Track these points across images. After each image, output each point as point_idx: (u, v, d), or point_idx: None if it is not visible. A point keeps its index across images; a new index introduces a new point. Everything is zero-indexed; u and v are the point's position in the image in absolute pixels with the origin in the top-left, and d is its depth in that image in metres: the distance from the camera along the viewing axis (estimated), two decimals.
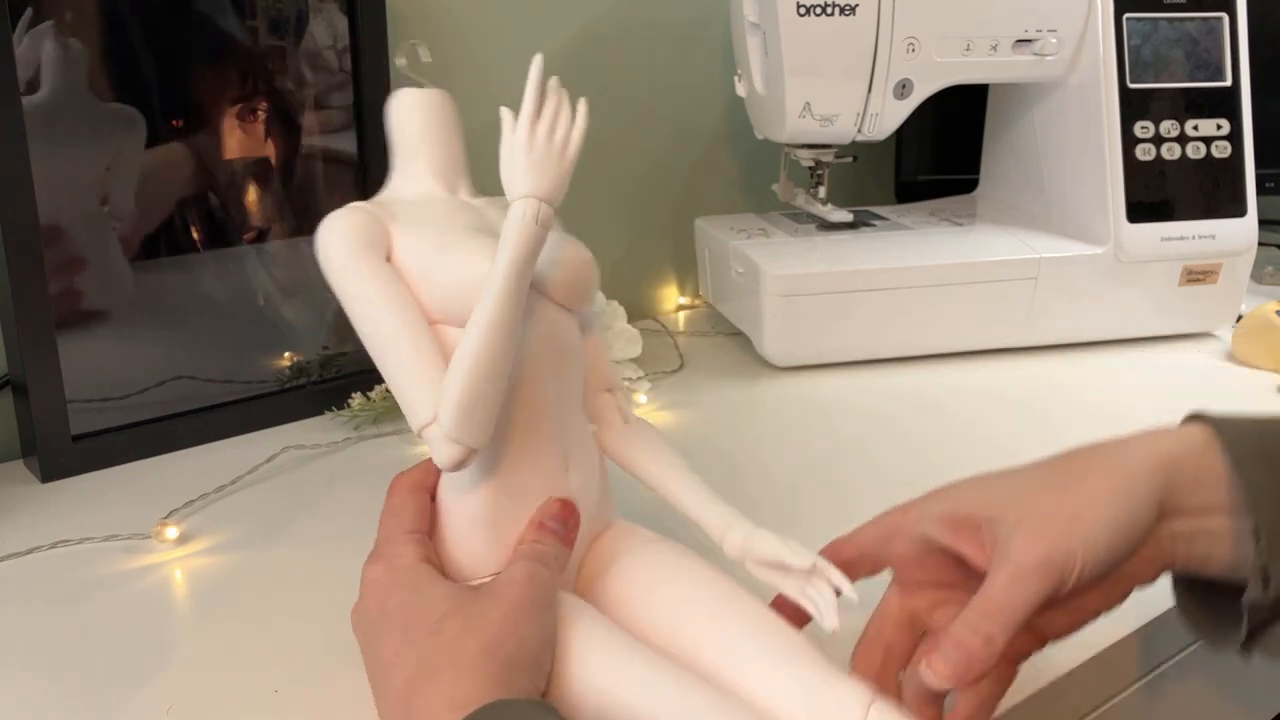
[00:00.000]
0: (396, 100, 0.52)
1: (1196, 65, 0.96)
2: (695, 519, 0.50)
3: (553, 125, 0.45)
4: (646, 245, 1.10)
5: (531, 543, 0.46)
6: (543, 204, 0.44)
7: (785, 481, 0.72)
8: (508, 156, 0.45)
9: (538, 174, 0.44)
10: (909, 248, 0.96)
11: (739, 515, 0.49)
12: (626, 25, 1.02)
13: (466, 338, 0.43)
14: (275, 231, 0.82)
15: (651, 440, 0.53)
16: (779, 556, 0.46)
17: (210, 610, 0.57)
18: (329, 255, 0.47)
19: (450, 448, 0.43)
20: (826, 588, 0.45)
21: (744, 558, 0.48)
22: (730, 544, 0.48)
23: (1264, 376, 0.91)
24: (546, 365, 0.48)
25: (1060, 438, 0.81)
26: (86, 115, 0.71)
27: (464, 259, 0.46)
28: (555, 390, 0.48)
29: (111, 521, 0.65)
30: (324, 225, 0.47)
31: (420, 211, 0.49)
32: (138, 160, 0.73)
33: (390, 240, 0.47)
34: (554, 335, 0.48)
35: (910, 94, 0.93)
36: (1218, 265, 0.97)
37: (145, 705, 0.49)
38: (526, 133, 0.44)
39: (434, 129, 0.52)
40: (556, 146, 0.45)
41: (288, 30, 0.79)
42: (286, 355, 0.82)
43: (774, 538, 0.47)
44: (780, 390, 0.90)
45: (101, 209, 0.73)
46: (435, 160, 0.51)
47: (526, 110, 0.45)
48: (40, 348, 0.69)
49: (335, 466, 0.74)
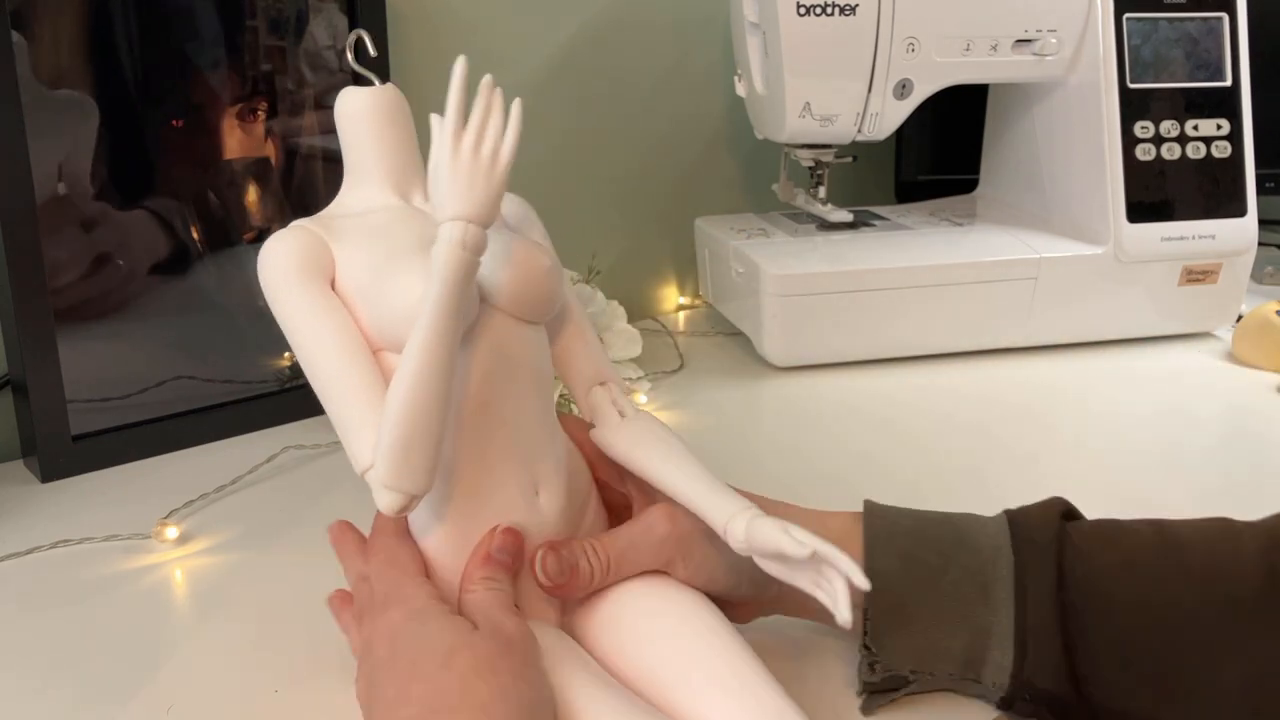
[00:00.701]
0: (342, 101, 0.48)
1: (1196, 65, 0.96)
2: (698, 513, 0.46)
3: (479, 135, 0.41)
4: (646, 245, 1.10)
5: (485, 581, 0.44)
6: (470, 225, 0.40)
7: (785, 481, 0.72)
8: (434, 173, 0.41)
9: (465, 192, 0.40)
10: (909, 248, 0.96)
11: (742, 504, 0.45)
12: (626, 25, 1.02)
13: (397, 378, 0.41)
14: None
15: (649, 432, 0.49)
16: (779, 546, 0.43)
17: (210, 610, 0.57)
18: (267, 283, 0.44)
19: (389, 495, 0.41)
20: (837, 578, 0.42)
21: (749, 552, 0.44)
22: (734, 538, 0.44)
23: (1264, 376, 0.91)
24: (502, 385, 0.45)
25: (1059, 437, 0.81)
26: (37, 104, 0.68)
27: (399, 285, 0.43)
28: (514, 410, 0.45)
29: (111, 521, 0.65)
30: (263, 250, 0.44)
31: (367, 226, 0.46)
32: (91, 147, 0.72)
33: (333, 262, 0.44)
34: (508, 350, 0.45)
35: (910, 94, 0.93)
36: (1218, 265, 0.97)
37: (145, 705, 0.49)
38: (450, 146, 0.41)
39: (383, 130, 0.48)
40: (484, 160, 0.41)
41: (288, 30, 0.79)
42: (286, 355, 0.82)
43: (774, 526, 0.43)
44: (780, 390, 0.90)
45: (60, 197, 0.71)
46: (386, 165, 0.48)
47: (449, 121, 0.41)
48: (40, 348, 0.69)
49: (335, 466, 0.74)
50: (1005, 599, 0.47)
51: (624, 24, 1.02)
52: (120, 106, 0.73)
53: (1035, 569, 0.47)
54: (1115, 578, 0.47)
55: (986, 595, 0.47)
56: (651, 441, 0.48)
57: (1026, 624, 0.46)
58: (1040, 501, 0.50)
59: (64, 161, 0.71)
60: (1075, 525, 0.49)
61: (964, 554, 0.48)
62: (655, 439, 0.48)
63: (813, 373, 0.92)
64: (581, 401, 0.51)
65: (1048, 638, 0.46)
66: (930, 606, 0.47)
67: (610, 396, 0.50)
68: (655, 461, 0.47)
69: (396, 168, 0.48)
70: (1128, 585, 0.46)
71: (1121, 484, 0.72)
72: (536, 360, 0.47)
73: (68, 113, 0.71)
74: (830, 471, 0.74)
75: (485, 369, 0.44)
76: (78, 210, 0.72)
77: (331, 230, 0.46)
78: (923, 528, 0.50)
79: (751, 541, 0.43)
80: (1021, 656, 0.46)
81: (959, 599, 0.47)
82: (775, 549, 0.43)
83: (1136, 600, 0.46)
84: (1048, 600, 0.46)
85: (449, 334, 0.41)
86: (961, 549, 0.48)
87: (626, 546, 0.47)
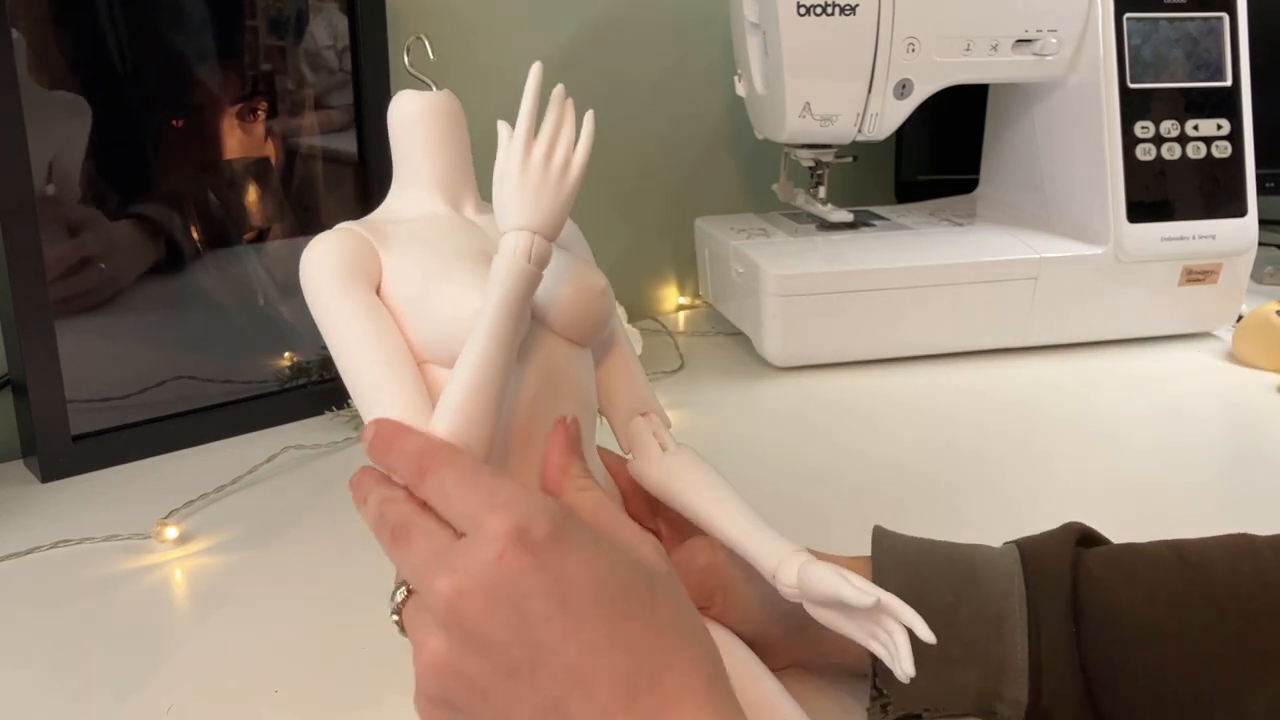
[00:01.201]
0: (397, 103, 0.47)
1: (1197, 65, 0.96)
2: (745, 555, 0.43)
3: (551, 145, 0.40)
4: (646, 245, 1.10)
5: (582, 479, 0.39)
6: (536, 237, 0.39)
7: (785, 481, 0.72)
8: (500, 181, 0.40)
9: (533, 203, 0.39)
10: (909, 248, 0.96)
11: (793, 547, 0.43)
12: (626, 25, 1.02)
13: (450, 386, 0.39)
14: (275, 231, 0.82)
15: (692, 468, 0.46)
16: (837, 593, 0.40)
17: (210, 610, 0.57)
18: (309, 284, 0.42)
19: None
20: (898, 629, 0.40)
21: (800, 598, 0.42)
22: (784, 584, 0.42)
23: (1264, 376, 0.91)
24: (546, 406, 0.43)
25: (1059, 438, 0.81)
26: (30, 103, 0.67)
27: (450, 296, 0.41)
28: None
29: (111, 521, 0.65)
30: (308, 251, 0.43)
31: (416, 233, 0.44)
32: (83, 148, 0.71)
33: (380, 268, 0.43)
34: (555, 371, 0.43)
35: (910, 94, 0.93)
36: (1218, 265, 0.97)
37: (145, 705, 0.49)
38: (521, 154, 0.39)
39: (437, 137, 0.46)
40: (555, 171, 0.40)
41: (288, 30, 0.79)
42: (286, 355, 0.82)
43: (831, 572, 0.40)
44: (780, 390, 0.90)
45: (47, 195, 0.71)
46: (438, 172, 0.46)
47: (521, 127, 0.40)
48: (40, 348, 0.69)
49: (335, 466, 0.74)
50: (1019, 632, 0.45)
51: (624, 24, 1.02)
52: (119, 107, 0.73)
53: (1048, 601, 0.45)
54: (1135, 606, 0.45)
55: (999, 629, 0.46)
56: (695, 476, 0.46)
57: (1041, 657, 0.45)
58: (1054, 529, 0.49)
59: (55, 161, 0.71)
60: (1092, 553, 0.47)
61: (975, 588, 0.47)
62: (699, 474, 0.46)
63: (813, 373, 0.92)
64: (620, 431, 0.49)
65: (1065, 670, 0.44)
66: (942, 642, 0.45)
67: (651, 428, 0.48)
68: (699, 497, 0.45)
69: (448, 175, 0.46)
70: (1148, 613, 0.45)
71: (1122, 484, 0.72)
72: (582, 383, 0.45)
73: (62, 114, 0.71)
74: (830, 471, 0.74)
75: (531, 389, 0.43)
76: (64, 211, 0.72)
77: (380, 235, 0.44)
78: (931, 560, 0.48)
79: (805, 586, 0.41)
80: (1037, 691, 0.45)
81: (971, 634, 0.46)
82: (834, 595, 0.40)
83: (1158, 628, 0.44)
84: (1063, 632, 0.45)
85: (507, 345, 0.39)
86: (972, 583, 0.47)
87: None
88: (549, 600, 0.32)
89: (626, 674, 0.32)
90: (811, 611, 0.42)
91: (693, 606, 0.37)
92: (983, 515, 0.67)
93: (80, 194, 0.72)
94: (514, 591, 0.32)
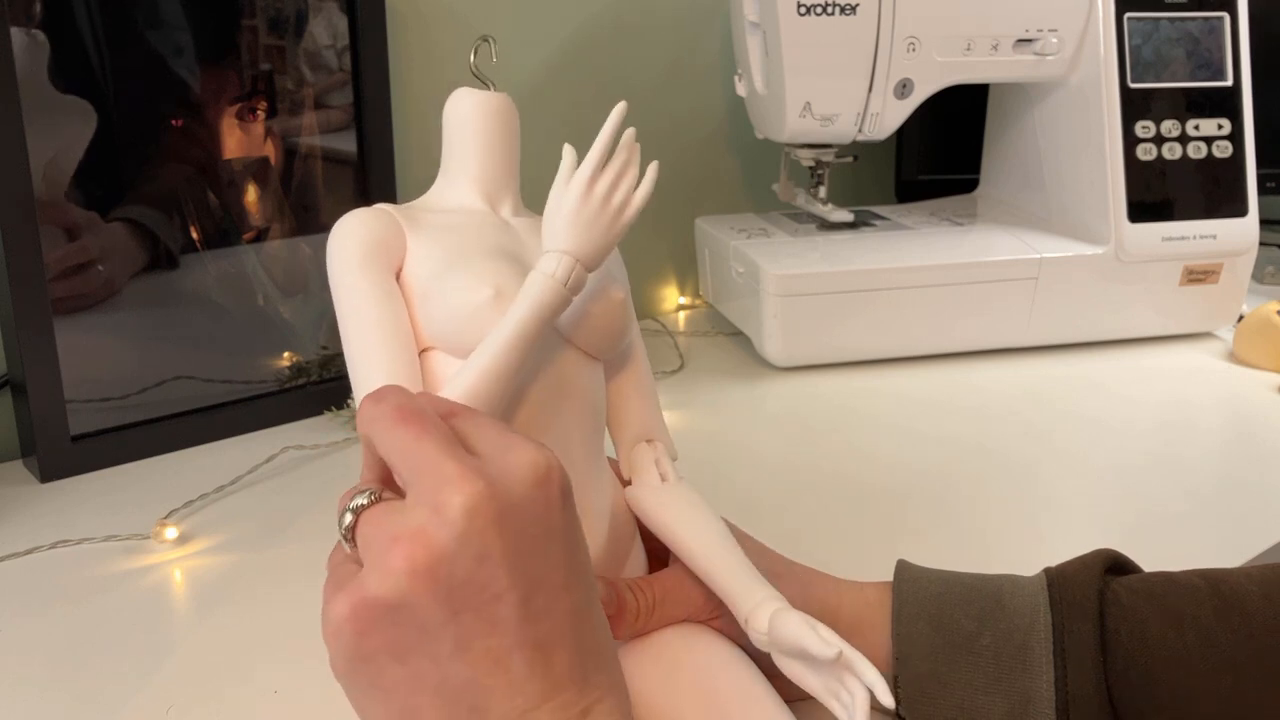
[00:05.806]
0: (452, 100, 0.48)
1: (1197, 65, 0.96)
2: (723, 596, 0.43)
3: (615, 184, 0.41)
4: (646, 245, 1.10)
5: None
6: (578, 265, 0.40)
7: (785, 482, 0.72)
8: (557, 204, 0.41)
9: (584, 232, 0.41)
10: (909, 248, 0.96)
11: (770, 593, 0.42)
12: (626, 25, 1.02)
13: (454, 384, 0.39)
14: (275, 231, 0.82)
15: (687, 503, 0.46)
16: (801, 642, 0.39)
17: (210, 610, 0.57)
18: (332, 256, 0.43)
19: None
20: (859, 688, 0.39)
21: (770, 647, 0.42)
22: (755, 630, 0.42)
23: (1264, 376, 0.91)
24: (549, 416, 0.43)
25: (1060, 438, 0.81)
26: (41, 105, 0.68)
27: (462, 283, 0.42)
28: (558, 442, 0.43)
29: (111, 521, 0.65)
30: (339, 223, 0.44)
31: (446, 223, 0.45)
32: (83, 150, 0.72)
33: (404, 251, 0.43)
34: (563, 382, 0.44)
35: (910, 94, 0.93)
36: (1219, 265, 0.97)
37: (145, 705, 0.49)
38: (584, 185, 0.41)
39: (485, 136, 0.47)
40: (613, 208, 0.41)
41: (287, 30, 0.79)
42: (286, 355, 0.82)
43: (800, 620, 0.40)
44: (780, 390, 0.90)
45: (46, 196, 0.70)
46: (481, 169, 0.47)
47: (593, 158, 0.41)
48: (39, 348, 0.69)
49: (335, 466, 0.74)
50: (1044, 663, 0.44)
51: (624, 24, 1.02)
52: (119, 106, 0.73)
53: (1075, 630, 0.44)
54: (1165, 637, 0.43)
55: (1025, 660, 0.44)
56: (689, 513, 0.46)
57: (1069, 690, 0.43)
58: (1082, 556, 0.48)
59: (54, 161, 0.70)
60: (1121, 581, 0.46)
61: (999, 617, 0.46)
62: (693, 511, 0.46)
63: (813, 373, 0.92)
64: (623, 454, 0.49)
65: (1092, 702, 0.43)
66: (965, 673, 0.45)
67: (654, 456, 0.48)
68: (686, 531, 0.45)
69: (491, 174, 0.47)
70: (1179, 645, 0.43)
71: (1122, 484, 0.72)
72: (590, 396, 0.45)
73: (69, 117, 0.71)
74: (830, 471, 0.74)
75: (537, 398, 0.43)
76: (63, 212, 0.72)
77: (411, 220, 0.45)
78: (954, 590, 0.47)
79: (774, 634, 0.41)
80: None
81: (996, 665, 0.45)
82: (798, 645, 0.40)
83: (1191, 663, 0.43)
84: (1090, 663, 0.44)
85: (521, 354, 0.40)
86: (997, 612, 0.46)
87: (674, 586, 0.46)
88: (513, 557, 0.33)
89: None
90: (779, 663, 0.42)
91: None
92: (983, 514, 0.67)
93: (80, 195, 0.72)
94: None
